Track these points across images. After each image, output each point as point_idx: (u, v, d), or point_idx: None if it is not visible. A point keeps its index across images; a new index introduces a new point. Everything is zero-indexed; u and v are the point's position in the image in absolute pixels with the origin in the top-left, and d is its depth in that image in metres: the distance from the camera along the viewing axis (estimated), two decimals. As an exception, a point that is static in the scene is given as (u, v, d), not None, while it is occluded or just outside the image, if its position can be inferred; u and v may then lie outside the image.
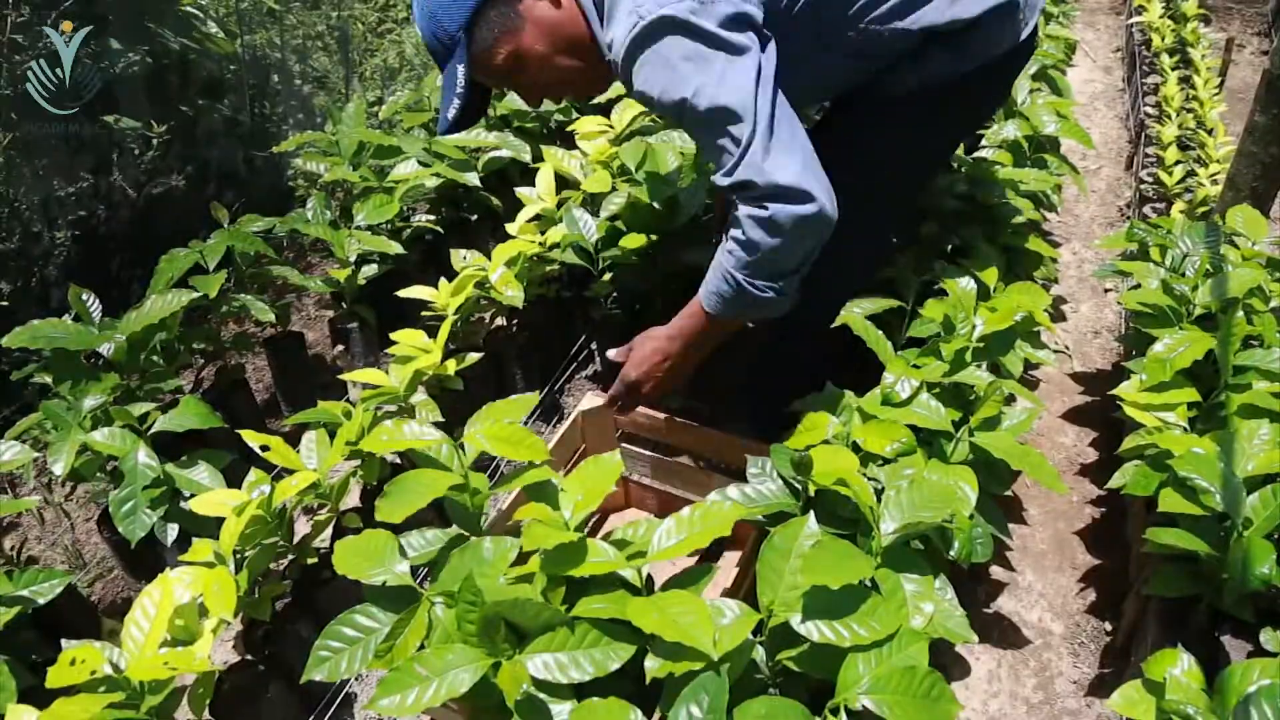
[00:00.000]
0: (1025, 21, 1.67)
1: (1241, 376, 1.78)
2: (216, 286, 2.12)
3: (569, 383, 2.42)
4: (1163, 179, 2.94)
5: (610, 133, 2.42)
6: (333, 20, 4.48)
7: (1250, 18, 5.13)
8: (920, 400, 1.56)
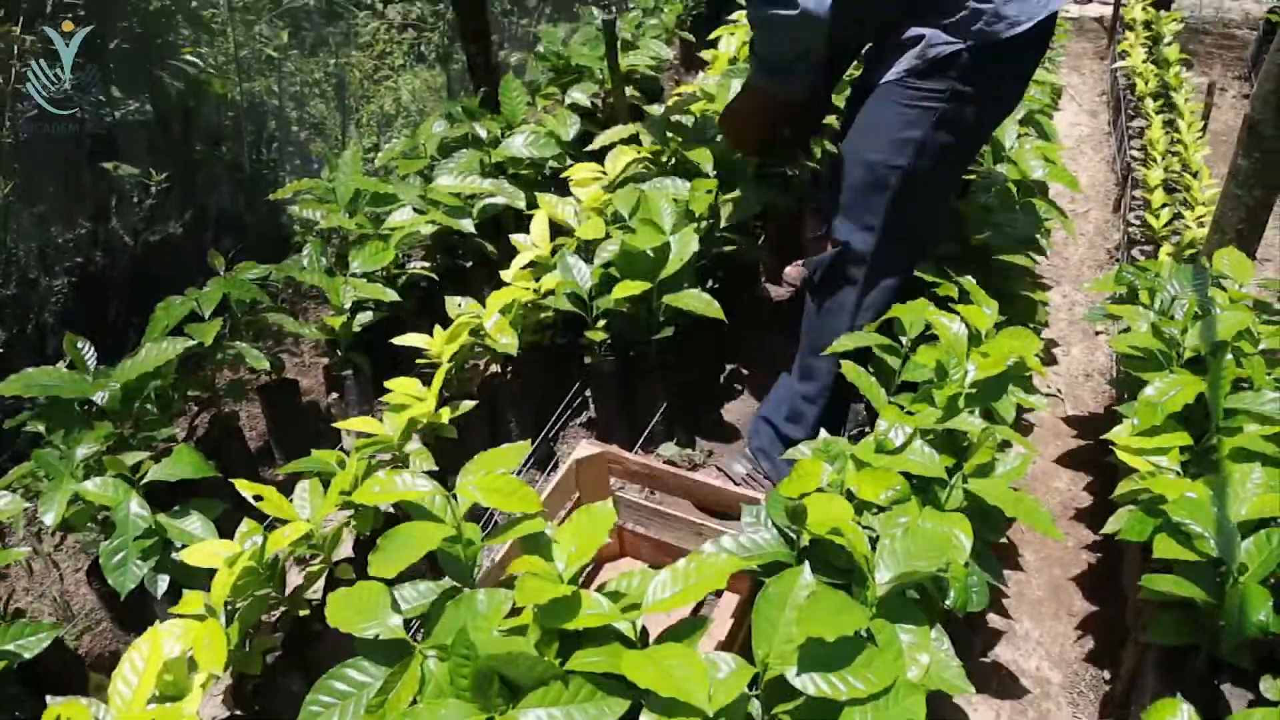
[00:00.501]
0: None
1: (1232, 420, 1.79)
2: (212, 334, 2.12)
3: (563, 430, 2.42)
4: (1150, 222, 2.97)
5: (604, 179, 2.45)
6: (330, 68, 4.55)
7: (1230, 62, 5.22)
8: (914, 447, 1.56)
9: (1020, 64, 1.88)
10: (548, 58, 3.35)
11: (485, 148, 2.73)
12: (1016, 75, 1.91)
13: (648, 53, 3.39)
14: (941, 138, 1.85)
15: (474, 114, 2.87)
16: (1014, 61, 1.85)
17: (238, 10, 4.04)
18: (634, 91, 3.31)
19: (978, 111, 1.85)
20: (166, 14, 3.26)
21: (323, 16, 4.88)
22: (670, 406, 2.28)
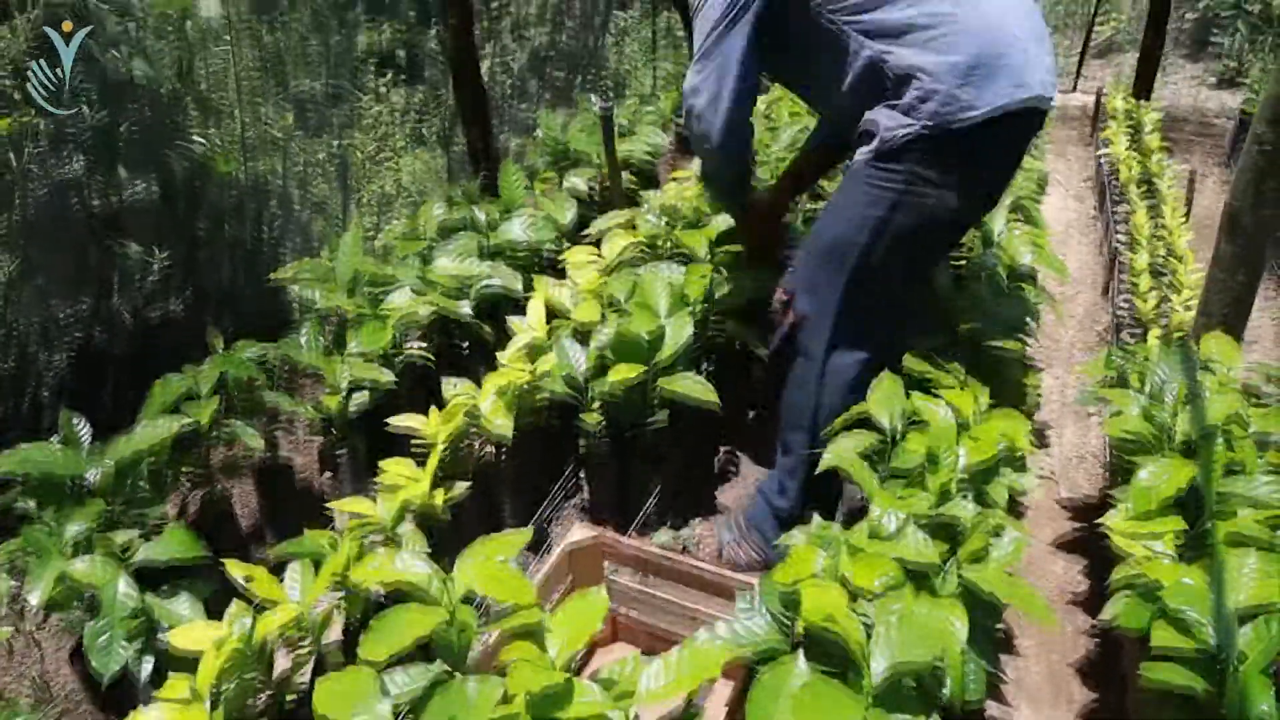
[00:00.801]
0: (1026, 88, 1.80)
1: (1226, 504, 1.80)
2: (209, 414, 2.13)
3: (557, 512, 2.41)
4: (1138, 305, 3.02)
5: (600, 263, 2.49)
6: (333, 149, 4.65)
7: (1210, 150, 5.37)
8: (908, 534, 1.57)
9: (990, 154, 1.86)
10: (546, 144, 3.44)
11: (484, 231, 2.78)
12: (986, 164, 1.88)
13: (644, 140, 3.49)
14: (900, 220, 1.87)
15: (473, 198, 2.94)
16: (981, 150, 1.83)
17: (245, 94, 4.15)
18: (630, 178, 3.39)
19: (941, 198, 1.86)
20: (176, 97, 3.35)
21: (328, 100, 5.01)
22: (664, 490, 2.28)
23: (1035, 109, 1.84)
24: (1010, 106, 1.78)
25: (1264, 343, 3.40)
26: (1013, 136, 1.88)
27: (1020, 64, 1.79)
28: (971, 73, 1.76)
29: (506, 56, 5.73)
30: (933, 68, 1.77)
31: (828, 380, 2.02)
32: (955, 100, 1.76)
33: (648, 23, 6.59)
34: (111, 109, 2.82)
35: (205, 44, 3.88)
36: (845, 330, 1.99)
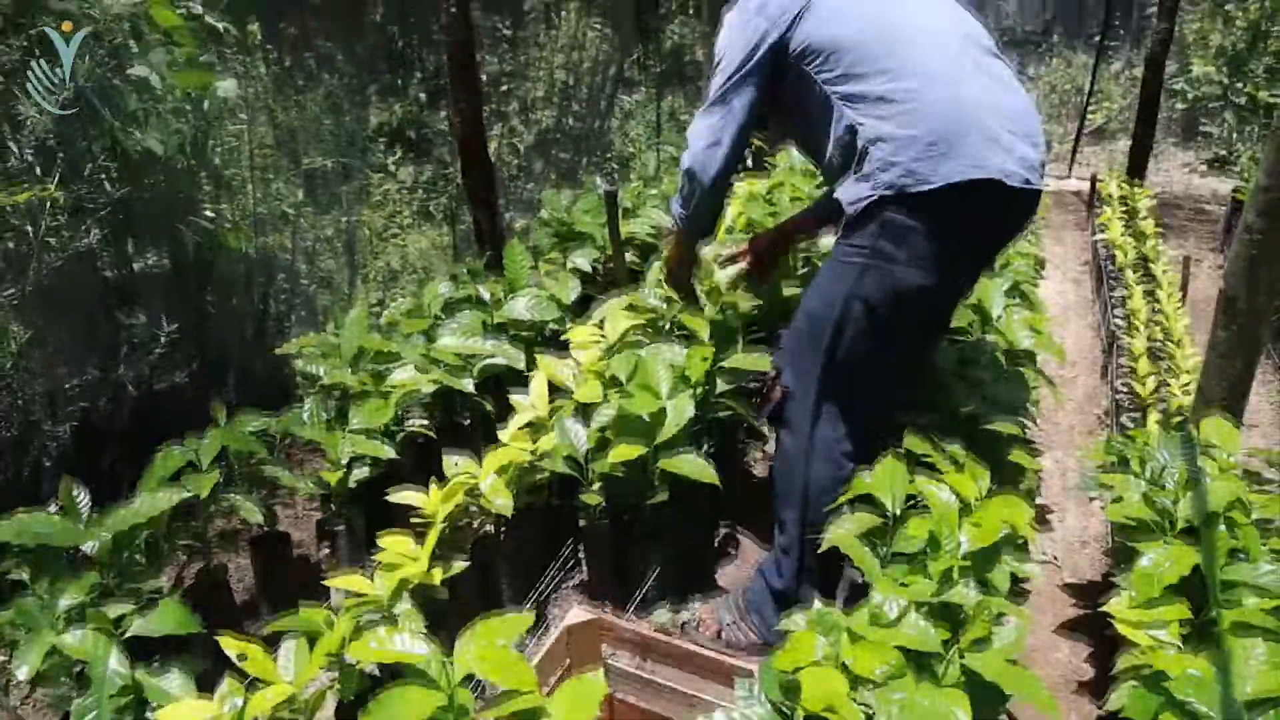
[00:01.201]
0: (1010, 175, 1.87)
1: (1231, 592, 1.79)
2: (209, 486, 2.13)
3: (556, 591, 2.39)
4: (1137, 389, 3.04)
5: (603, 342, 2.52)
6: (342, 224, 4.74)
7: (1203, 235, 5.46)
8: (909, 621, 1.55)
9: (948, 230, 1.89)
10: (551, 223, 3.50)
11: (488, 308, 2.82)
12: (945, 240, 1.90)
13: (648, 220, 3.55)
14: (868, 293, 1.94)
15: (478, 275, 2.98)
16: (939, 225, 1.88)
17: (258, 169, 4.24)
18: (633, 257, 3.45)
19: (905, 273, 1.91)
20: (191, 171, 3.43)
21: (338, 176, 5.13)
22: (664, 569, 2.26)
23: (999, 190, 1.86)
24: (962, 184, 1.82)
25: (1263, 426, 3.41)
26: (973, 216, 1.91)
27: (979, 146, 1.84)
28: (930, 148, 1.84)
29: (514, 137, 5.87)
30: (895, 140, 1.87)
31: (815, 456, 2.05)
32: (912, 174, 1.85)
33: (652, 105, 6.77)
34: (128, 183, 2.88)
35: (221, 120, 3.99)
36: (828, 406, 2.04)
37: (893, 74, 1.90)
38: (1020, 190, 1.89)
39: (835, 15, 1.98)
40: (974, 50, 1.98)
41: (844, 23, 1.97)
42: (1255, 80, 7.40)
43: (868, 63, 1.93)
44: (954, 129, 1.84)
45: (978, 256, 2.08)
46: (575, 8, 7.72)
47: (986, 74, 1.96)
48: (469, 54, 3.09)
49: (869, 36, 1.95)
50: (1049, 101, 8.74)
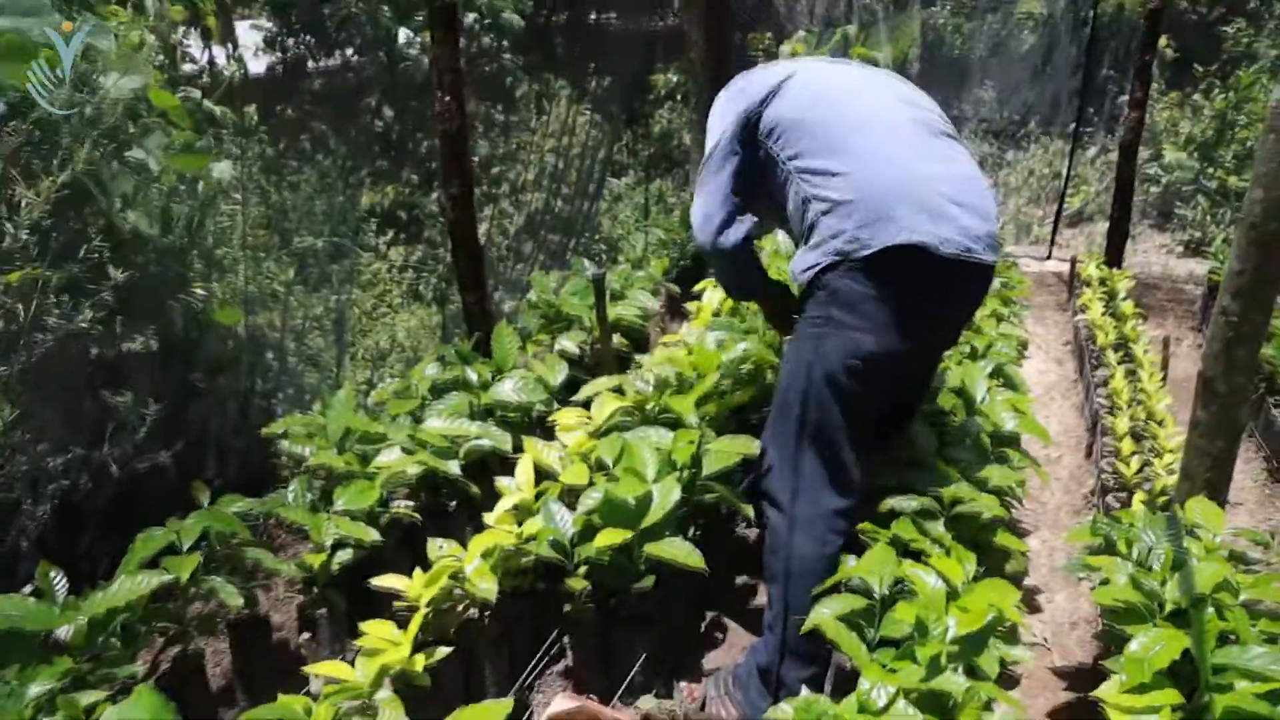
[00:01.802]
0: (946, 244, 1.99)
1: (1222, 676, 1.77)
2: (189, 570, 2.11)
3: (540, 678, 2.34)
4: (1121, 469, 3.05)
5: (589, 425, 2.53)
6: (331, 304, 4.77)
7: (1182, 315, 5.55)
8: (897, 709, 1.53)
9: (892, 293, 2.02)
10: (539, 306, 3.54)
11: (475, 391, 2.83)
12: (892, 303, 2.02)
13: (635, 304, 3.60)
14: (828, 359, 2.06)
15: (466, 358, 3.00)
16: (888, 290, 2.01)
17: (250, 248, 4.29)
18: (621, 340, 3.48)
19: (862, 338, 2.03)
20: (183, 252, 3.47)
21: (329, 255, 5.18)
22: (650, 656, 2.23)
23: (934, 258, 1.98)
24: (898, 248, 1.97)
25: (1249, 504, 3.41)
26: (913, 281, 2.02)
27: (915, 215, 1.99)
28: (870, 215, 2.00)
29: (504, 219, 5.97)
30: (839, 210, 2.05)
31: (797, 530, 2.09)
32: (855, 240, 2.01)
33: (640, 189, 6.91)
34: (120, 263, 2.91)
35: (215, 200, 4.05)
36: (806, 479, 2.10)
37: (841, 152, 2.09)
38: (960, 260, 2.00)
39: (799, 97, 2.19)
40: (922, 131, 2.16)
41: (805, 105, 2.17)
42: (1225, 167, 7.62)
43: (821, 140, 2.12)
44: (893, 200, 2.01)
45: (930, 323, 2.16)
46: (566, 94, 7.94)
47: (933, 153, 2.13)
48: (461, 140, 3.16)
49: (824, 116, 2.14)
50: (1028, 186, 8.95)
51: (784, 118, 2.18)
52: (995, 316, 3.78)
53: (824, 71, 2.30)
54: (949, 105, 9.61)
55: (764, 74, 2.30)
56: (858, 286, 2.02)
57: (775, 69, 2.31)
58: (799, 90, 2.21)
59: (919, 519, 2.15)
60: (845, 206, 2.03)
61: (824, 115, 2.15)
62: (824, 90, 2.21)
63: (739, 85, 2.32)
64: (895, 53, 8.97)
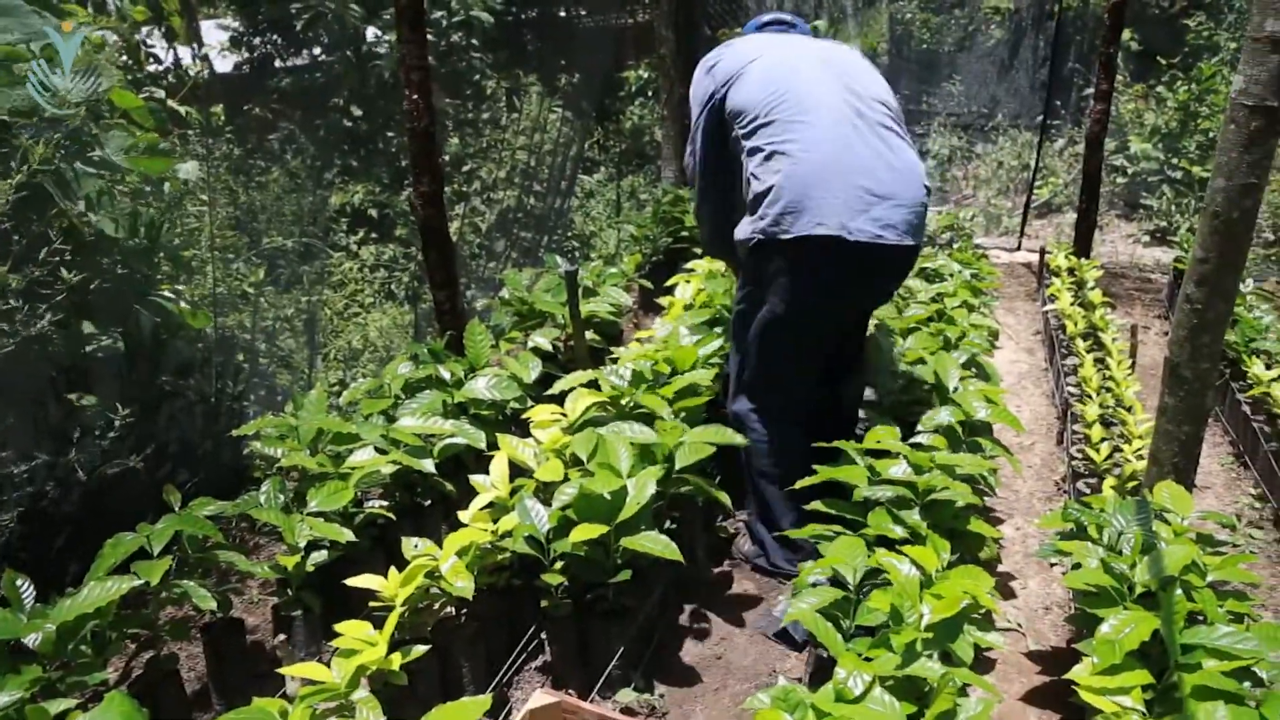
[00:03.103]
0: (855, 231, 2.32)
1: (1190, 656, 1.80)
2: (160, 574, 2.08)
3: (518, 675, 2.34)
4: (1091, 456, 3.09)
5: (563, 421, 2.52)
6: (302, 304, 4.73)
7: (1149, 303, 5.62)
8: (874, 696, 1.54)
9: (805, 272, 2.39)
10: (512, 302, 3.52)
11: (449, 389, 2.82)
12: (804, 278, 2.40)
13: (608, 299, 3.59)
14: (755, 311, 2.50)
15: (439, 356, 2.98)
16: (801, 272, 2.39)
17: (218, 249, 4.24)
18: (594, 335, 3.47)
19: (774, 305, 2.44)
20: (150, 252, 3.42)
21: (299, 256, 5.14)
22: (628, 650, 2.23)
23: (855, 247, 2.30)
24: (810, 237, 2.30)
25: (1216, 488, 3.47)
26: (826, 264, 2.37)
27: (828, 204, 2.29)
28: (792, 204, 2.32)
29: (475, 217, 5.94)
30: (770, 194, 2.35)
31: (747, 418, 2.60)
32: (778, 224, 2.34)
33: (612, 186, 6.90)
34: (83, 265, 2.86)
35: (181, 202, 4.00)
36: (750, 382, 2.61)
37: (781, 140, 2.36)
38: (869, 244, 2.31)
39: (755, 81, 2.47)
40: (861, 125, 2.40)
41: (759, 88, 2.45)
42: (1189, 157, 7.73)
43: (766, 128, 2.40)
44: (816, 191, 2.30)
45: (839, 297, 2.53)
46: (537, 91, 7.91)
47: (866, 146, 2.38)
48: (430, 138, 3.14)
49: (774, 102, 2.41)
50: (997, 178, 9.04)
51: (741, 98, 2.47)
52: (966, 307, 3.81)
53: (784, 59, 2.53)
54: (918, 99, 9.71)
55: (734, 54, 2.58)
56: (776, 264, 2.40)
57: (745, 49, 2.58)
58: (758, 76, 2.47)
59: (891, 507, 2.17)
60: (774, 192, 2.33)
61: (774, 99, 2.41)
62: (778, 78, 2.46)
63: (713, 60, 2.61)
64: (864, 47, 9.02)
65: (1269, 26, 1.96)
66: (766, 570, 2.72)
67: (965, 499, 2.28)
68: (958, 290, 3.95)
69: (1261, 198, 2.15)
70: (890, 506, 2.21)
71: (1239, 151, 2.06)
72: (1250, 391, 3.59)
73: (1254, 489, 3.36)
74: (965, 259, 4.74)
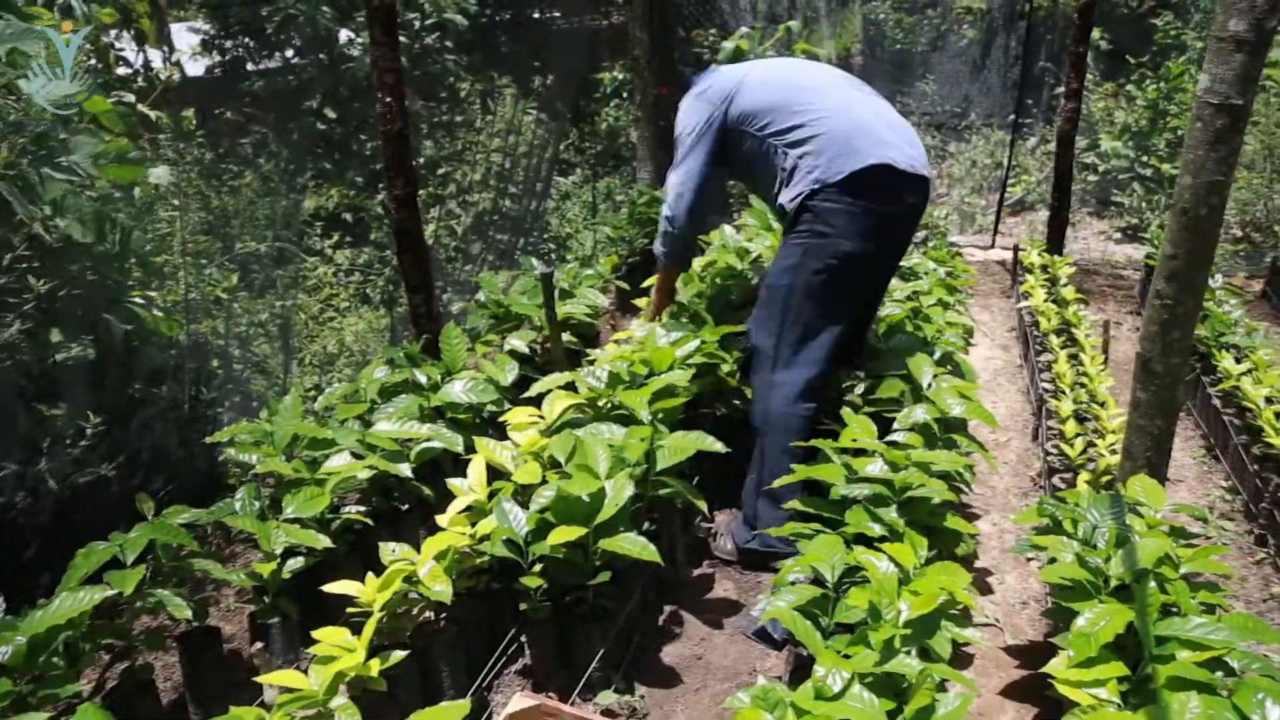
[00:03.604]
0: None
1: (1164, 647, 1.82)
2: (134, 583, 2.05)
3: (498, 678, 2.33)
4: (1066, 451, 3.12)
5: (541, 423, 2.51)
6: (277, 309, 4.69)
7: (1121, 299, 5.69)
8: (853, 693, 1.55)
9: (864, 203, 2.62)
10: (488, 306, 3.51)
11: (425, 392, 2.80)
12: (865, 210, 2.63)
13: (584, 301, 3.59)
14: (810, 263, 2.66)
15: (415, 360, 2.96)
16: (856, 200, 2.62)
17: (190, 255, 4.20)
18: (571, 337, 3.46)
19: (839, 242, 2.64)
20: (120, 258, 3.38)
21: (273, 260, 5.09)
22: (608, 651, 2.23)
23: (891, 172, 2.62)
24: (862, 170, 2.60)
25: (1188, 481, 3.51)
26: (881, 191, 2.63)
27: (870, 145, 2.64)
28: (839, 152, 2.63)
29: (451, 220, 5.91)
30: (813, 153, 2.67)
31: (774, 392, 2.70)
32: (830, 167, 2.63)
33: (588, 188, 6.90)
34: (51, 272, 2.83)
35: (152, 207, 3.95)
36: (785, 354, 2.71)
37: (806, 117, 2.72)
38: (907, 174, 2.65)
39: (759, 90, 2.83)
40: (858, 93, 2.87)
41: (766, 91, 2.82)
42: (1158, 154, 7.83)
43: (787, 112, 2.75)
44: (851, 138, 2.65)
45: (889, 226, 2.74)
46: (511, 94, 7.89)
47: (869, 106, 2.81)
48: (404, 141, 3.12)
49: (785, 95, 2.79)
50: (971, 176, 9.11)
51: (751, 106, 2.80)
52: (942, 305, 3.83)
53: (773, 65, 3.02)
54: (892, 99, 9.77)
55: (722, 77, 2.89)
56: (833, 204, 2.62)
57: (731, 72, 2.92)
58: (758, 85, 2.83)
59: (869, 505, 2.18)
60: (817, 148, 2.66)
61: (785, 94, 2.79)
62: (778, 76, 2.88)
63: (702, 88, 2.91)
64: (838, 47, 9.07)
65: (1232, 26, 1.99)
66: (760, 554, 2.75)
67: (942, 496, 2.30)
68: (933, 288, 3.97)
69: (1228, 194, 2.18)
70: (868, 504, 2.22)
71: (1205, 149, 2.09)
72: (1220, 385, 3.63)
73: (1225, 481, 3.41)
74: (940, 257, 4.78)
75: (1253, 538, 3.04)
